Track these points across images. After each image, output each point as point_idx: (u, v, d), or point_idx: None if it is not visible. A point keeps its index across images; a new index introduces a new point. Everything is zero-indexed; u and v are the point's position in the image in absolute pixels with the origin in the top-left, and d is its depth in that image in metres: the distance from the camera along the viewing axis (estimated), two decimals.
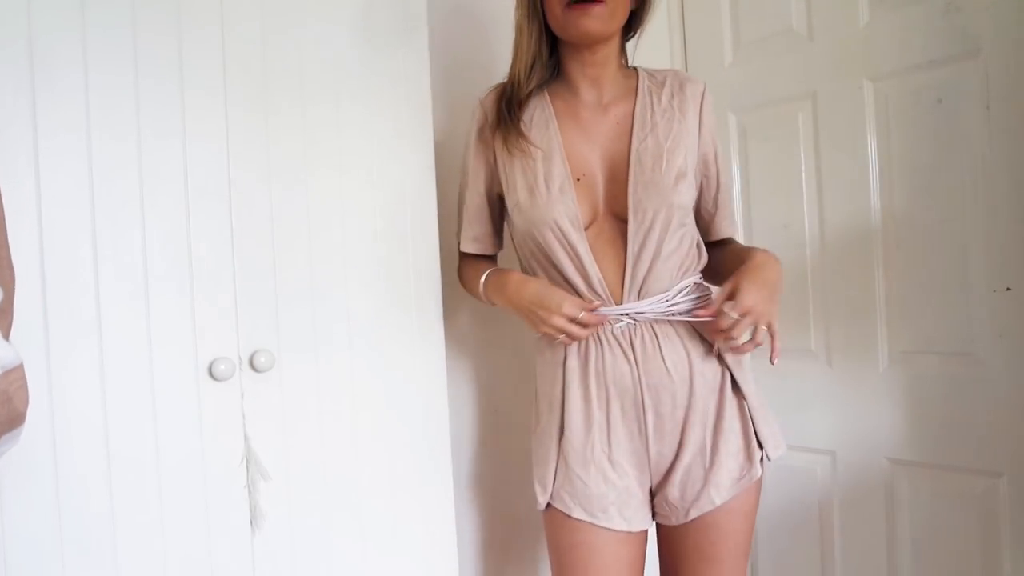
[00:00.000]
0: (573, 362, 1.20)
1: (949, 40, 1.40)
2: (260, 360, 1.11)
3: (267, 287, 1.14)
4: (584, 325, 1.13)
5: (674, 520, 1.22)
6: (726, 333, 1.10)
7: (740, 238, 1.77)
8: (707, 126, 1.25)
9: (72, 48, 0.99)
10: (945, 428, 1.45)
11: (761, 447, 1.21)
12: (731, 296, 1.09)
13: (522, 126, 1.22)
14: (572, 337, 1.15)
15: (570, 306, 1.13)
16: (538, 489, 1.22)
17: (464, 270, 1.35)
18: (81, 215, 0.99)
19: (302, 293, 1.17)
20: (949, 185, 1.42)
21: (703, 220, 1.31)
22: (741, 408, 1.21)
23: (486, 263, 1.33)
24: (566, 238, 1.17)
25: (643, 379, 1.17)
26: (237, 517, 1.11)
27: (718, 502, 1.18)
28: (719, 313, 1.10)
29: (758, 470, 1.20)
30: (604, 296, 1.17)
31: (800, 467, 1.69)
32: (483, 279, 1.25)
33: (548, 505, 1.22)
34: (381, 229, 1.26)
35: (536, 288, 1.17)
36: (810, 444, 1.66)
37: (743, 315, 1.07)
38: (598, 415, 1.18)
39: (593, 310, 1.15)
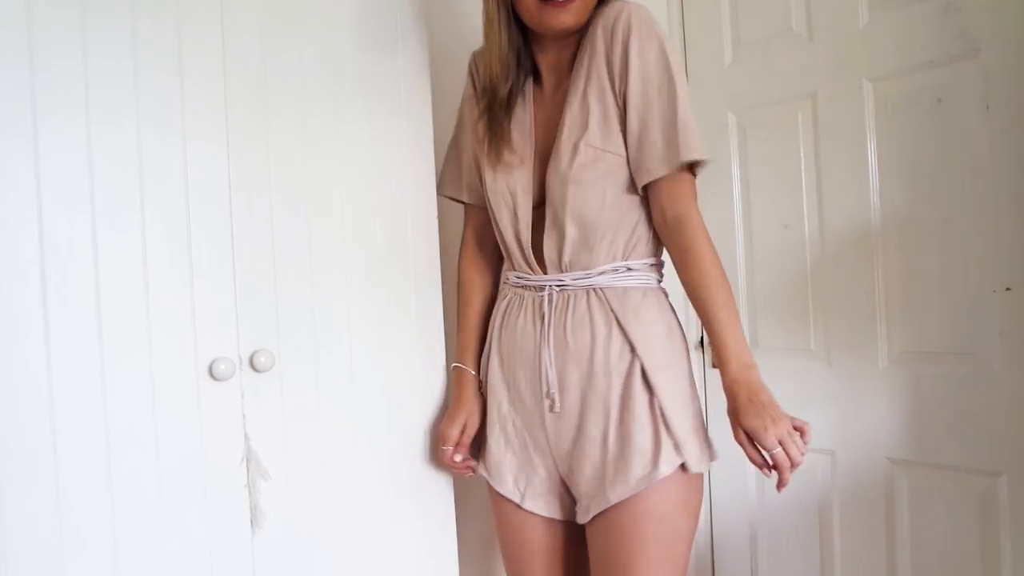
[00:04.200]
0: (496, 321, 1.26)
1: (949, 40, 1.41)
2: (260, 360, 1.11)
3: (267, 287, 1.14)
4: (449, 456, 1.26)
5: (579, 518, 1.17)
6: (784, 471, 1.06)
7: (736, 233, 1.77)
8: (628, 61, 1.10)
9: (71, 49, 0.99)
10: (945, 428, 1.45)
11: (680, 452, 1.10)
12: (751, 442, 1.05)
13: (510, 133, 1.21)
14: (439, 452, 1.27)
15: (446, 429, 1.26)
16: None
17: (463, 260, 1.38)
18: (81, 215, 0.99)
19: (302, 293, 1.17)
20: (949, 185, 1.42)
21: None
22: (651, 405, 1.11)
23: (483, 266, 1.36)
24: (516, 207, 1.19)
25: (543, 347, 1.16)
26: (237, 517, 1.10)
27: (613, 500, 1.10)
28: (764, 464, 1.06)
29: (662, 471, 1.08)
30: (531, 266, 1.20)
31: (800, 467, 1.68)
32: (452, 366, 1.33)
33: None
34: (381, 229, 1.26)
35: (453, 400, 1.29)
36: (810, 444, 1.66)
37: (776, 450, 1.03)
38: (507, 377, 1.22)
39: (460, 458, 1.26)
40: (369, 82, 1.26)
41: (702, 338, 1.88)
